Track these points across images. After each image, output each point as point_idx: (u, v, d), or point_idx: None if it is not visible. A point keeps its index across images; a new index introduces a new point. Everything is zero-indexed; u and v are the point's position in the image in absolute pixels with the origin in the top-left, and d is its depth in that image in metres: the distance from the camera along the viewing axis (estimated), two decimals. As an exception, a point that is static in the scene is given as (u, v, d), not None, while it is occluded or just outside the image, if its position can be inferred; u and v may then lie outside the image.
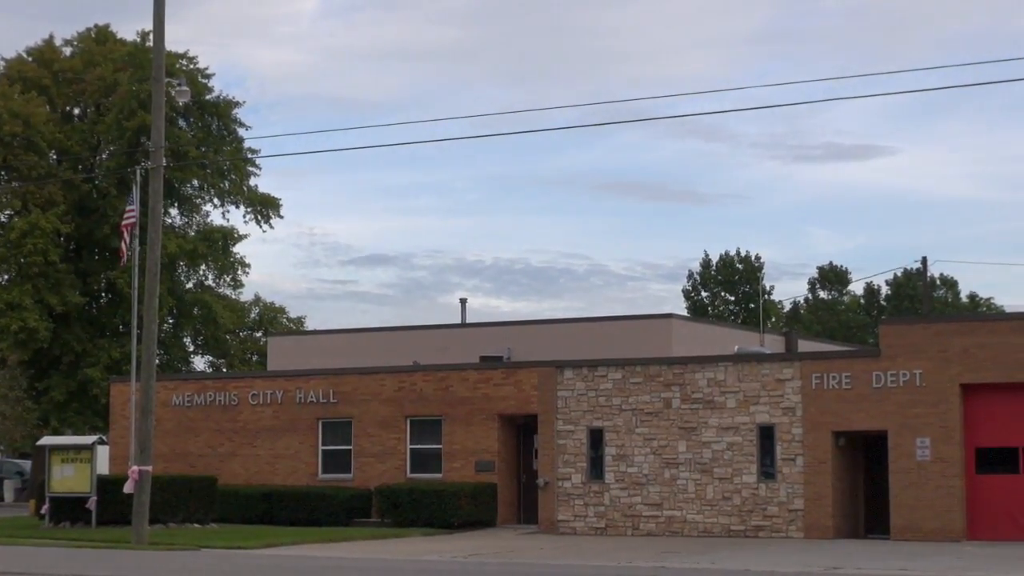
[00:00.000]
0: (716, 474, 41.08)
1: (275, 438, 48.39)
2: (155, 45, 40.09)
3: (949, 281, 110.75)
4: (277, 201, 73.65)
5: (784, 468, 40.28)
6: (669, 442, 41.74)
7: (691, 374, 41.69)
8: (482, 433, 45.20)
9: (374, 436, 46.77)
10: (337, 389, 47.63)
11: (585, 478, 42.79)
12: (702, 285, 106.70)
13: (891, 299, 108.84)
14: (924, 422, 38.62)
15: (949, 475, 38.29)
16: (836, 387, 39.83)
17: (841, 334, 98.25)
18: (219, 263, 73.64)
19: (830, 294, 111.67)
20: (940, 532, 38.00)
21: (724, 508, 40.86)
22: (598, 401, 42.80)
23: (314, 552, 35.34)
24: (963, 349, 38.50)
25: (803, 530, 39.75)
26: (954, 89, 49.37)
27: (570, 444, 43.06)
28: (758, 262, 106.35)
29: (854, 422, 39.68)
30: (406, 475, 46.07)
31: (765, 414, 40.63)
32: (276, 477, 48.02)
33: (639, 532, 41.72)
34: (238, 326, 76.53)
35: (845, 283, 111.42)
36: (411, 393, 46.48)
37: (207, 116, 71.94)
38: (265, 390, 48.90)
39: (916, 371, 38.88)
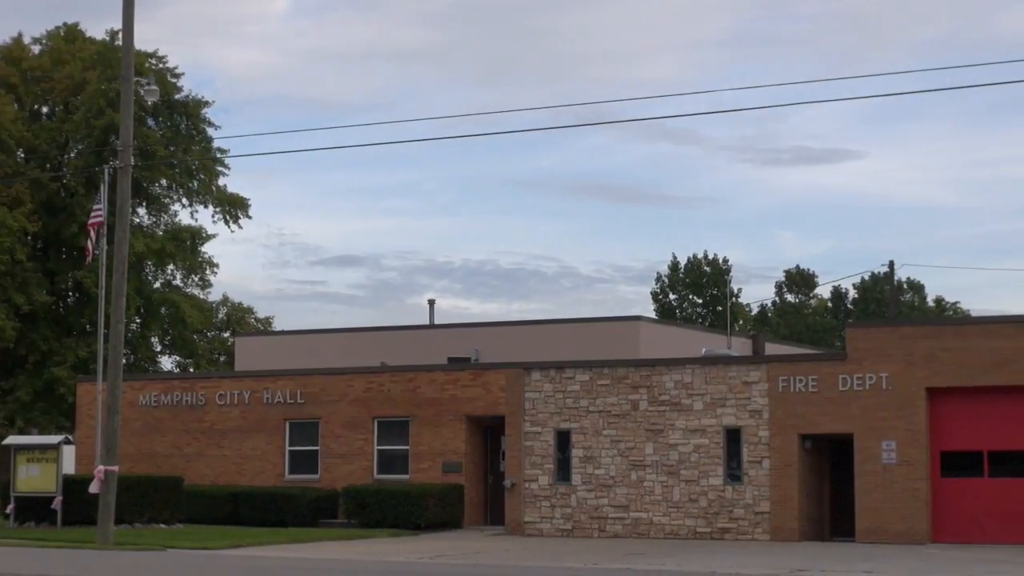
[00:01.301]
0: (683, 476, 41.17)
1: (242, 438, 48.31)
2: (124, 44, 39.97)
3: (916, 285, 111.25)
4: (246, 201, 73.57)
5: (750, 471, 40.40)
6: (636, 444, 41.82)
7: (658, 376, 41.78)
8: (449, 434, 45.19)
9: (341, 437, 46.74)
10: (304, 390, 47.58)
11: (552, 480, 42.84)
12: (670, 288, 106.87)
13: (858, 303, 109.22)
14: (890, 425, 38.79)
15: (914, 478, 38.46)
16: (803, 390, 39.97)
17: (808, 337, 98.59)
18: (187, 263, 73.51)
19: (797, 297, 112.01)
20: (905, 535, 38.17)
21: (690, 510, 40.96)
22: (565, 403, 42.85)
23: (280, 553, 35.27)
24: (929, 353, 38.68)
25: (769, 532, 39.87)
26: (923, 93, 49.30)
27: (537, 446, 43.11)
28: (726, 265, 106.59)
29: (820, 425, 39.83)
30: (373, 476, 46.05)
31: (732, 417, 40.74)
32: (243, 478, 47.93)
33: (605, 534, 41.78)
34: (206, 326, 76.35)
35: (812, 286, 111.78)
36: (379, 394, 46.46)
37: (176, 115, 71.83)
38: (232, 390, 48.81)
39: (882, 374, 39.04)
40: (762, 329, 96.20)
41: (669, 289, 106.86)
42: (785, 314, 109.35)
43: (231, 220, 73.19)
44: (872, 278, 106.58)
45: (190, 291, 75.01)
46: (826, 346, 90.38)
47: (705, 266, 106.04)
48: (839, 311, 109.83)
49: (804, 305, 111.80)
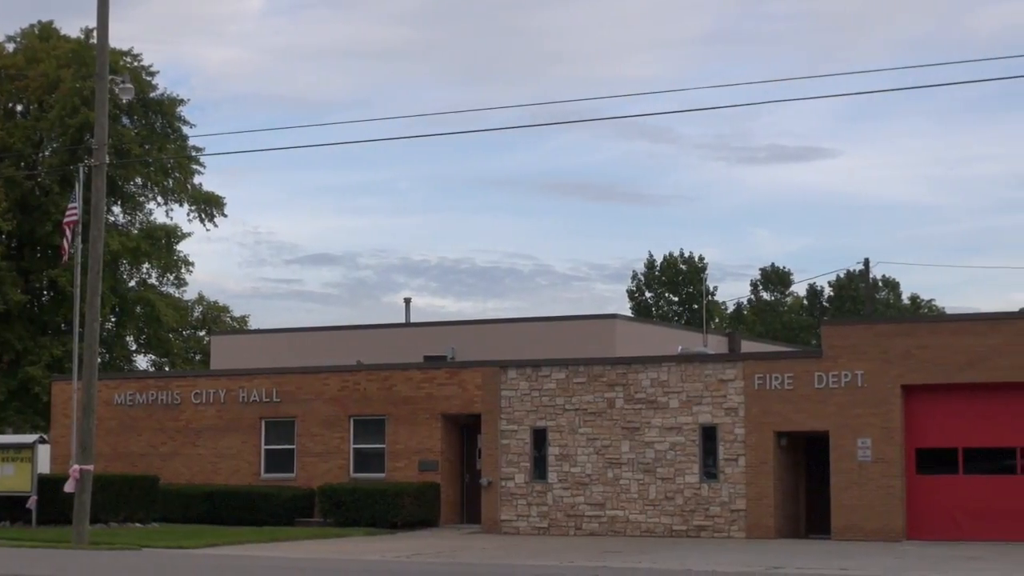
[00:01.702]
0: (659, 474, 41.21)
1: (218, 437, 48.22)
2: (99, 42, 39.86)
3: (891, 283, 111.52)
4: (221, 199, 73.49)
5: (726, 468, 40.45)
6: (612, 442, 41.85)
7: (634, 374, 41.82)
8: (426, 433, 45.17)
9: (317, 435, 46.68)
10: (280, 388, 47.51)
11: (528, 478, 42.86)
12: (646, 286, 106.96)
13: (833, 300, 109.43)
14: (865, 423, 38.88)
15: (890, 475, 38.56)
16: (778, 388, 40.04)
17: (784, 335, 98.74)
18: (162, 261, 73.38)
19: (773, 295, 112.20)
20: (881, 532, 38.26)
21: (666, 508, 41.00)
22: (542, 401, 42.87)
23: (256, 552, 35.22)
24: (904, 350, 38.78)
25: (745, 530, 39.93)
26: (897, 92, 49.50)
27: (513, 444, 43.12)
28: (702, 263, 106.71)
29: (796, 422, 39.90)
30: (349, 475, 46.00)
31: (708, 414, 40.80)
32: (218, 476, 47.84)
33: (582, 532, 41.81)
34: (181, 325, 76.21)
35: (787, 284, 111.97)
36: (355, 392, 46.41)
37: (151, 114, 71.73)
38: (208, 389, 48.72)
39: (858, 372, 39.13)
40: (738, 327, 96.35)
41: (645, 287, 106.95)
42: (761, 312, 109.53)
43: (206, 218, 73.12)
44: (847, 276, 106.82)
45: (165, 290, 74.89)
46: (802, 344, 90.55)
47: (681, 264, 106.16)
48: (814, 309, 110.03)
49: (780, 303, 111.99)
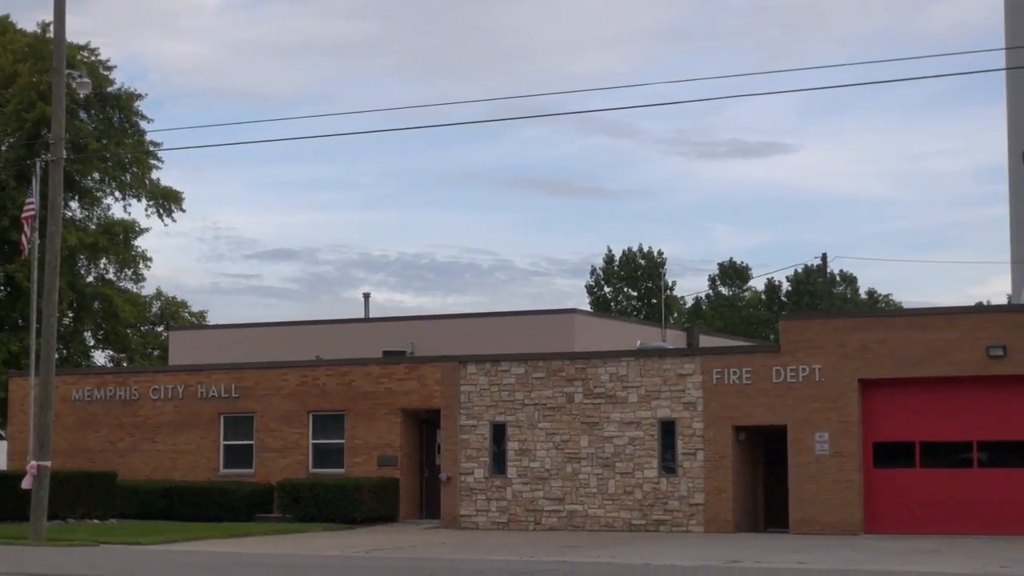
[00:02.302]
0: (618, 468, 41.29)
1: (176, 433, 48.07)
2: (56, 36, 39.66)
3: (849, 277, 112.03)
4: (179, 194, 73.18)
5: (685, 462, 40.56)
6: (571, 437, 41.91)
7: (593, 369, 41.88)
8: (385, 428, 45.14)
9: (276, 431, 46.59)
10: (239, 384, 47.40)
11: (487, 473, 42.88)
12: (605, 281, 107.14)
13: (791, 295, 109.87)
14: (823, 417, 39.04)
15: (847, 469, 38.73)
16: (737, 382, 40.17)
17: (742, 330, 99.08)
18: (120, 257, 73.00)
19: (731, 290, 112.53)
20: (838, 525, 38.43)
21: (625, 502, 41.09)
22: (501, 396, 42.89)
23: (214, 548, 35.14)
24: (862, 345, 38.95)
25: (704, 524, 40.05)
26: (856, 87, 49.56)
27: (473, 439, 43.14)
28: (661, 258, 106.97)
29: (754, 417, 40.04)
30: (308, 470, 45.93)
31: (666, 409, 40.90)
32: (177, 472, 47.70)
33: (541, 527, 41.85)
34: (139, 320, 75.86)
35: (746, 279, 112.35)
36: (313, 388, 46.34)
37: (108, 108, 71.36)
38: (166, 385, 48.56)
39: (815, 366, 39.29)
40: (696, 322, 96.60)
41: (604, 282, 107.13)
42: (719, 307, 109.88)
43: (164, 214, 72.80)
44: (805, 271, 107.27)
45: (123, 285, 74.50)
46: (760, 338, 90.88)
47: (640, 259, 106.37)
48: (773, 303, 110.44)
49: (738, 298, 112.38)
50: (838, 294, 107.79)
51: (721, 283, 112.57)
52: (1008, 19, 62.14)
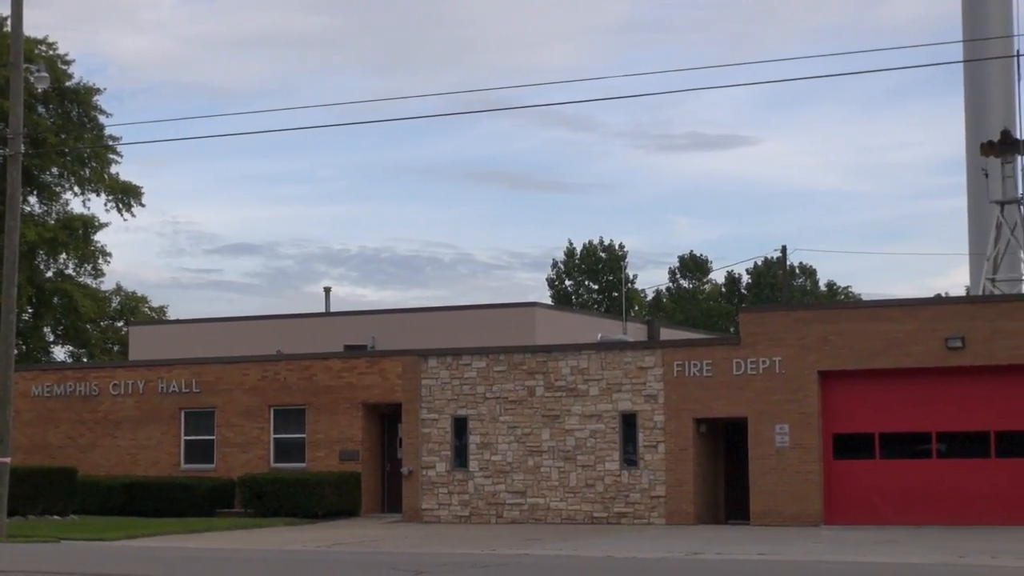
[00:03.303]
0: (579, 461, 41.36)
1: (137, 428, 47.95)
2: (13, 30, 39.49)
3: (808, 270, 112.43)
4: (139, 189, 72.90)
5: (646, 455, 40.66)
6: (533, 430, 41.96)
7: (554, 362, 41.93)
8: (346, 422, 45.13)
9: (237, 426, 46.52)
10: (200, 379, 47.30)
11: (449, 466, 42.89)
12: (566, 274, 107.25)
13: (751, 288, 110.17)
14: (783, 409, 39.19)
15: (807, 461, 38.89)
16: (697, 375, 40.28)
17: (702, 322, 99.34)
18: (79, 252, 72.71)
19: (692, 283, 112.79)
20: (799, 517, 38.59)
21: (587, 495, 41.16)
22: (462, 390, 42.90)
23: (176, 543, 35.07)
24: (821, 337, 39.11)
25: (665, 516, 40.16)
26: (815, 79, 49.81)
27: (434, 433, 43.13)
28: (622, 251, 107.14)
29: (715, 409, 40.16)
30: (270, 465, 45.89)
31: (627, 402, 40.98)
32: (138, 468, 47.58)
33: (503, 520, 41.90)
34: (99, 316, 75.56)
35: (706, 272, 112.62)
36: (275, 382, 46.28)
37: (67, 103, 71.06)
38: (127, 380, 48.42)
39: (775, 358, 39.43)
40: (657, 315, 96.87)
41: (565, 275, 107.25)
42: (680, 299, 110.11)
43: (124, 208, 72.52)
44: (765, 263, 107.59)
45: (83, 280, 74.22)
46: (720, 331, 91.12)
47: (601, 252, 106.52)
48: (733, 296, 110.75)
49: (698, 290, 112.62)
50: (798, 286, 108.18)
51: (681, 276, 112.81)
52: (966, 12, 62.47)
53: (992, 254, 51.84)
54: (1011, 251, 52.21)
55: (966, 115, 62.88)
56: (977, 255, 57.54)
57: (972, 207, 61.24)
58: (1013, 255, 52.61)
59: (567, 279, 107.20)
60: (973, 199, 60.57)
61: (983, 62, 58.73)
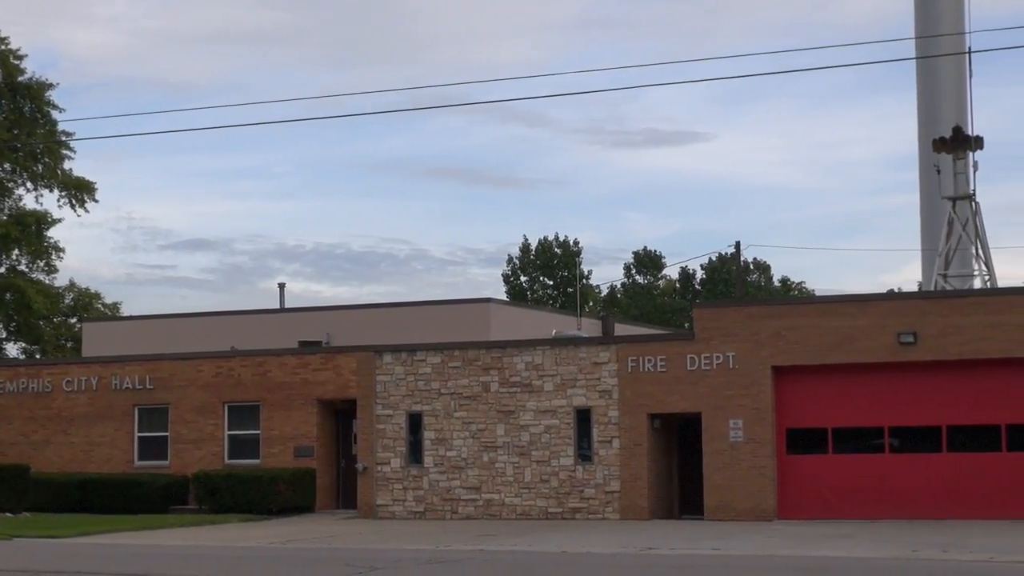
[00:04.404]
0: (534, 457, 41.42)
1: (90, 425, 47.73)
2: (-36, 26, 39.25)
3: (762, 265, 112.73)
4: (92, 185, 72.58)
5: (601, 450, 40.75)
6: (487, 426, 42.00)
7: (509, 358, 41.98)
8: (301, 418, 45.05)
9: (191, 422, 46.38)
10: (153, 375, 47.13)
11: (404, 462, 42.90)
12: (521, 269, 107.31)
13: (705, 283, 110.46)
14: (737, 404, 39.35)
15: (761, 456, 39.07)
16: (652, 370, 40.39)
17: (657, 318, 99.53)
18: (32, 248, 72.34)
19: (646, 278, 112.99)
20: (752, 512, 38.77)
21: (542, 491, 41.24)
22: (417, 385, 42.91)
23: (130, 540, 34.96)
24: (774, 332, 39.29)
25: (619, 511, 40.27)
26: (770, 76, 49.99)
27: (389, 428, 43.13)
28: (576, 247, 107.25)
29: (669, 404, 40.29)
30: (224, 461, 45.77)
31: (582, 397, 41.07)
32: (91, 465, 47.36)
33: (458, 515, 41.93)
34: (52, 312, 75.21)
35: (660, 267, 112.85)
36: (229, 379, 46.16)
37: (19, 98, 70.67)
38: (80, 377, 48.19)
39: (729, 354, 39.58)
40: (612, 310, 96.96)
41: (520, 271, 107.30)
42: (634, 295, 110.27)
43: (77, 204, 72.20)
44: (719, 259, 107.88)
45: (36, 276, 73.84)
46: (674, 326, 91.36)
47: (556, 248, 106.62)
48: (687, 292, 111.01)
49: (653, 286, 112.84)
50: (751, 282, 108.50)
51: (636, 272, 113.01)
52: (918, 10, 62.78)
53: (944, 250, 52.20)
54: (962, 247, 52.58)
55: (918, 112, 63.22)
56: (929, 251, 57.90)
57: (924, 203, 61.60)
58: (964, 251, 52.96)
59: (522, 275, 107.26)
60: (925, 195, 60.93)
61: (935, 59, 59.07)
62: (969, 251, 52.86)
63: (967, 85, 59.04)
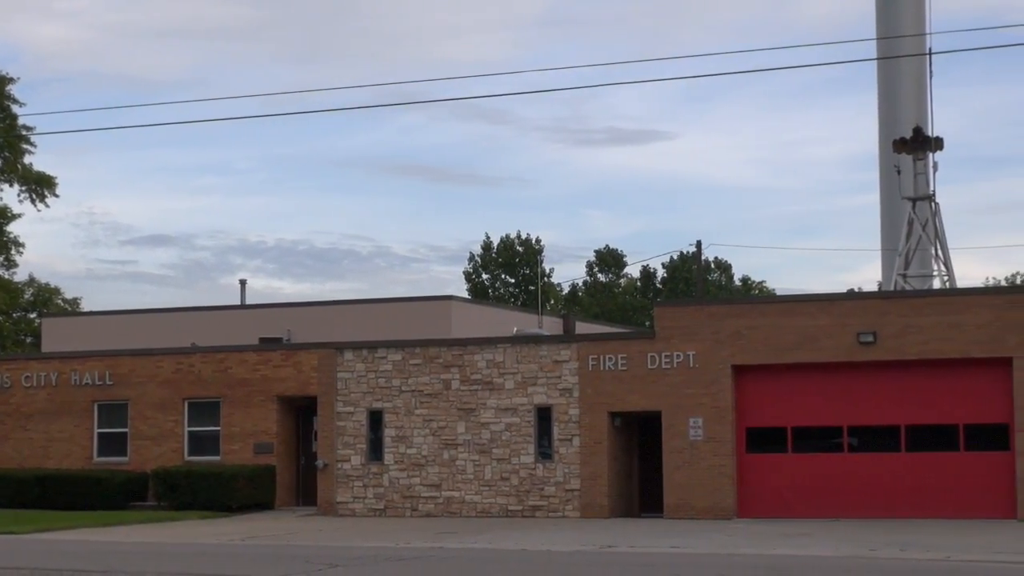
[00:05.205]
0: (494, 455, 41.46)
1: (49, 421, 47.52)
2: (-76, 19, 39.08)
3: (723, 264, 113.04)
4: (53, 179, 72.26)
5: (561, 448, 40.80)
6: (448, 423, 42.01)
7: (470, 356, 42.00)
8: (261, 415, 44.97)
9: (151, 418, 46.23)
10: (113, 371, 46.96)
11: (364, 460, 42.86)
12: (483, 267, 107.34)
13: (666, 282, 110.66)
14: (697, 402, 39.45)
15: (721, 454, 39.18)
16: (612, 368, 40.46)
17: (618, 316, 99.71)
18: (-9, 242, 72.04)
19: (608, 277, 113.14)
20: (711, 510, 38.88)
21: (502, 488, 41.27)
22: (378, 383, 42.89)
23: (88, 536, 34.85)
24: (735, 331, 39.40)
25: (579, 510, 40.32)
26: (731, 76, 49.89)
27: (350, 426, 43.09)
28: (538, 245, 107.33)
29: (629, 403, 40.36)
30: (184, 458, 45.65)
31: (543, 395, 41.11)
32: (50, 461, 47.17)
33: (418, 513, 41.93)
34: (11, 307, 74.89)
35: (622, 266, 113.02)
36: (189, 375, 46.03)
37: (-22, 92, 70.28)
38: (39, 372, 47.98)
39: (690, 353, 39.68)
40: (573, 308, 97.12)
41: (482, 269, 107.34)
42: (596, 293, 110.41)
43: (37, 199, 71.87)
44: (680, 257, 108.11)
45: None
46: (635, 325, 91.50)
47: (518, 246, 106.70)
48: (648, 290, 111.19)
49: (614, 284, 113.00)
50: (712, 281, 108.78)
51: (598, 270, 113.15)
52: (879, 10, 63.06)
53: (904, 250, 52.46)
54: (922, 247, 52.86)
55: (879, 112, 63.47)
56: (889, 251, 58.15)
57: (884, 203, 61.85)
58: (924, 251, 53.24)
59: (484, 273, 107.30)
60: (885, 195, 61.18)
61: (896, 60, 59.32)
62: (929, 251, 53.14)
63: (927, 86, 59.32)
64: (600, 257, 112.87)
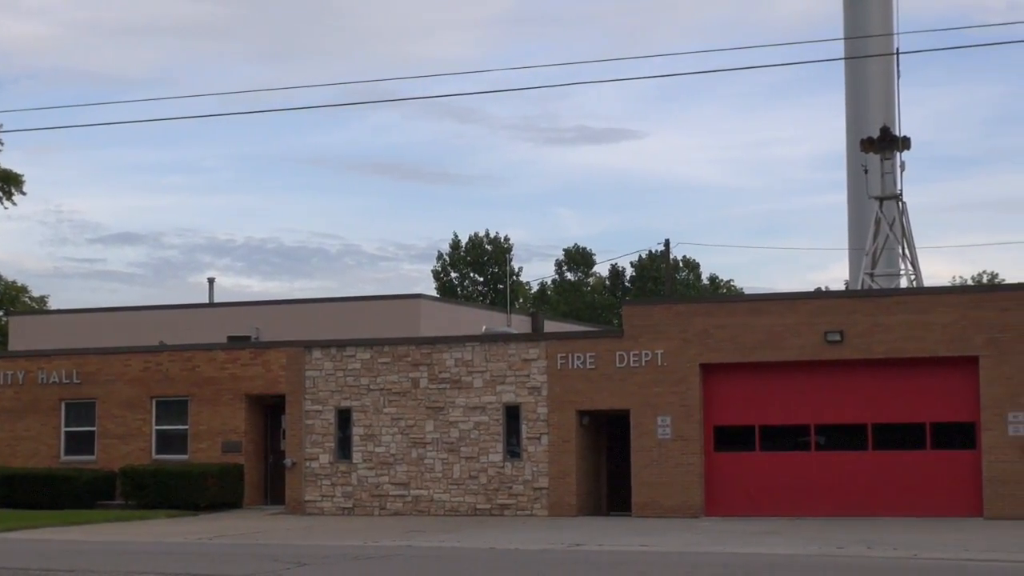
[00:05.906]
0: (463, 453, 41.46)
1: (15, 420, 47.37)
2: None
3: (691, 263, 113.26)
4: (20, 177, 71.92)
5: (529, 447, 40.83)
6: (416, 422, 42.00)
7: (439, 354, 41.98)
8: (229, 413, 44.91)
9: (119, 417, 46.12)
10: (81, 369, 46.83)
11: (333, 458, 42.82)
12: (452, 266, 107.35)
13: (635, 280, 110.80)
14: (665, 401, 39.51)
15: (688, 453, 39.24)
16: (581, 367, 40.49)
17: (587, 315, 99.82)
18: (-43, 240, 71.74)
19: (576, 275, 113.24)
20: (679, 509, 38.95)
21: (470, 487, 41.27)
22: (346, 381, 42.84)
23: (55, 535, 34.74)
24: (703, 330, 39.47)
25: (548, 508, 40.35)
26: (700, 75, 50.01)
27: (318, 424, 43.04)
28: (507, 243, 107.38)
29: (598, 401, 40.40)
30: (151, 456, 45.55)
31: (511, 394, 41.12)
32: (16, 459, 47.01)
33: (386, 511, 41.91)
34: (-23, 305, 74.64)
35: (590, 265, 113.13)
36: (156, 373, 45.94)
37: (-55, 89, 70.03)
38: (5, 371, 47.80)
39: (658, 351, 39.73)
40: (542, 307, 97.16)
41: (451, 267, 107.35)
42: (564, 292, 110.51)
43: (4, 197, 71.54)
44: (649, 256, 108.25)
45: (-40, 269, 73.24)
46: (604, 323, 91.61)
47: (487, 244, 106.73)
48: (616, 289, 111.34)
49: (583, 283, 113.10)
50: (680, 280, 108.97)
51: (567, 268, 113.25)
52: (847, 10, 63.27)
53: (871, 249, 52.63)
54: (889, 246, 53.04)
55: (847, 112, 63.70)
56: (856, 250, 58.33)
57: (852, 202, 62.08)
58: (891, 250, 53.43)
59: (452, 271, 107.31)
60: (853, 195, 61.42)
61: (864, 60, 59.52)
62: (896, 251, 53.33)
63: (895, 86, 59.51)
64: (569, 256, 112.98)
